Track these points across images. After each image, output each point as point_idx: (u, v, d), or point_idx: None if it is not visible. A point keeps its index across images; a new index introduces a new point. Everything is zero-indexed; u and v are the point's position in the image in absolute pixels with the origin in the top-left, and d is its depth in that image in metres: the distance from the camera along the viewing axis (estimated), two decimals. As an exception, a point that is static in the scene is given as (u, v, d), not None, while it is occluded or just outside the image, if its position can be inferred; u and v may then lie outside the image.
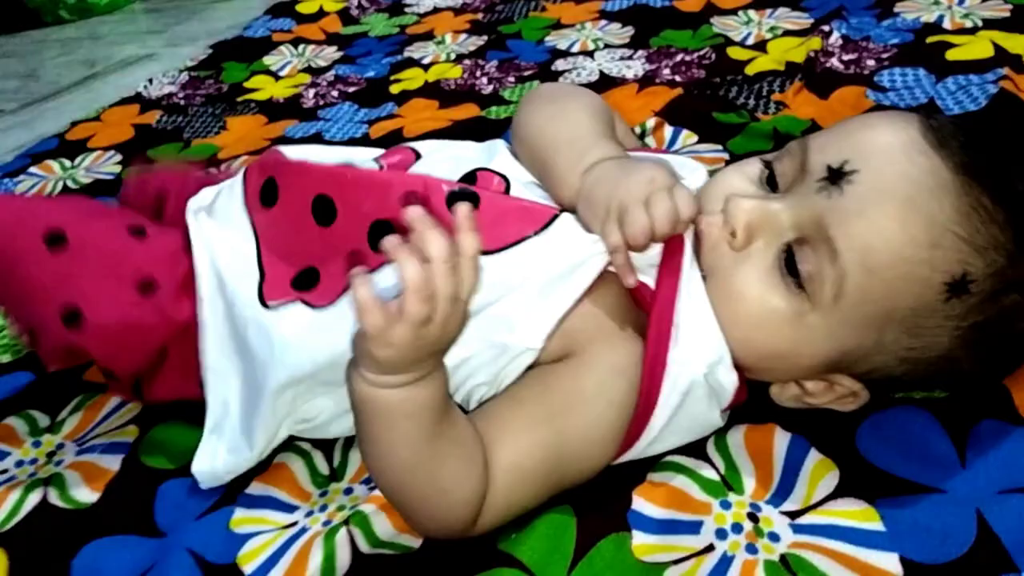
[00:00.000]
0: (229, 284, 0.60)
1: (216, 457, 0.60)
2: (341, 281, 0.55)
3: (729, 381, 0.53)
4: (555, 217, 0.55)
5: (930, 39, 1.11)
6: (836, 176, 0.50)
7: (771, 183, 0.55)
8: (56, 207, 0.66)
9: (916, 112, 0.55)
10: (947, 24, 1.15)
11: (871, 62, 1.09)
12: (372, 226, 0.55)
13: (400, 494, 0.51)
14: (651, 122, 1.01)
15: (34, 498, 0.63)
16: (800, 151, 0.54)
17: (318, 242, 0.58)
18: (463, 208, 0.45)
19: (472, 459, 0.50)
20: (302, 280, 0.58)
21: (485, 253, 0.49)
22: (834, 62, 1.11)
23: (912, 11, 1.21)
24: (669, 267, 0.54)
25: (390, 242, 0.44)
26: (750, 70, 1.14)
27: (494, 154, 0.64)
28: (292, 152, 0.64)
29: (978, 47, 1.05)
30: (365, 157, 0.66)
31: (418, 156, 0.65)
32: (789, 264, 0.51)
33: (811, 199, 0.51)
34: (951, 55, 1.05)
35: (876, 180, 0.49)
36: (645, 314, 0.54)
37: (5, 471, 0.67)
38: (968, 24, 1.13)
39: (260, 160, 0.64)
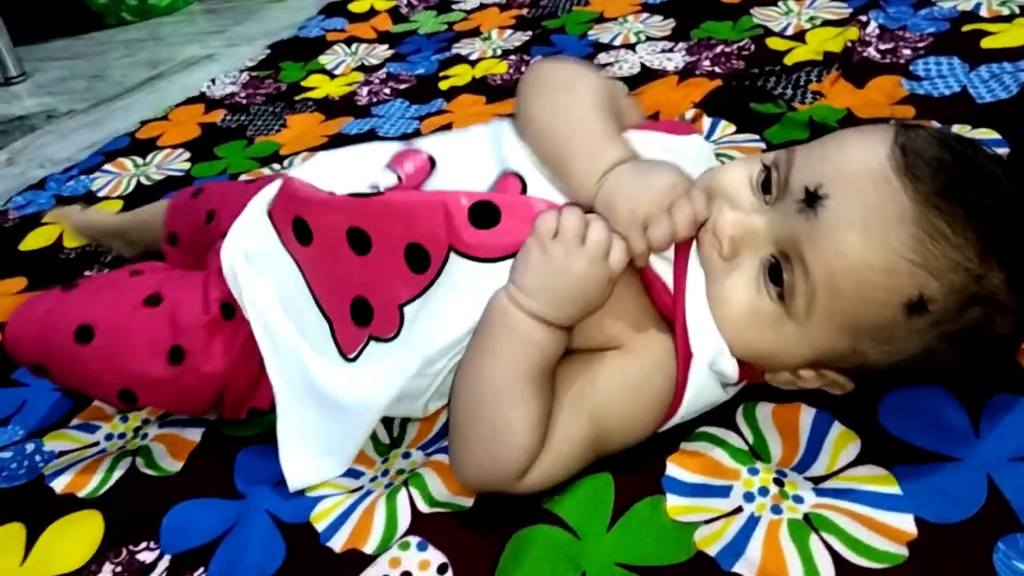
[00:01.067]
0: (298, 344, 0.65)
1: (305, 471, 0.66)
2: (393, 311, 0.61)
3: (730, 367, 0.59)
4: None
5: (966, 27, 1.14)
6: (812, 199, 0.54)
7: (767, 186, 0.59)
8: (75, 302, 0.71)
9: (937, 114, 0.59)
10: (984, 12, 1.17)
11: (907, 51, 1.11)
12: (406, 249, 0.60)
13: (473, 416, 0.57)
14: (690, 113, 1.05)
15: (123, 466, 0.69)
16: (786, 166, 0.57)
17: (360, 271, 0.62)
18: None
19: (544, 416, 0.57)
20: (357, 313, 0.63)
21: (509, 257, 0.57)
22: (871, 51, 1.13)
23: (949, 0, 1.23)
24: (680, 267, 0.59)
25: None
26: (788, 60, 1.18)
27: (501, 141, 0.65)
28: (304, 174, 0.68)
29: (1013, 35, 1.07)
30: (377, 162, 0.66)
31: (433, 163, 0.65)
32: (773, 274, 0.56)
33: (790, 219, 0.55)
34: (986, 43, 1.07)
35: (842, 208, 0.53)
36: (657, 308, 0.60)
37: (96, 444, 0.74)
38: (1005, 12, 1.15)
39: (280, 198, 0.67)
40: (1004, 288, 0.52)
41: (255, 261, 0.68)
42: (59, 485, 0.69)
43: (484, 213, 0.58)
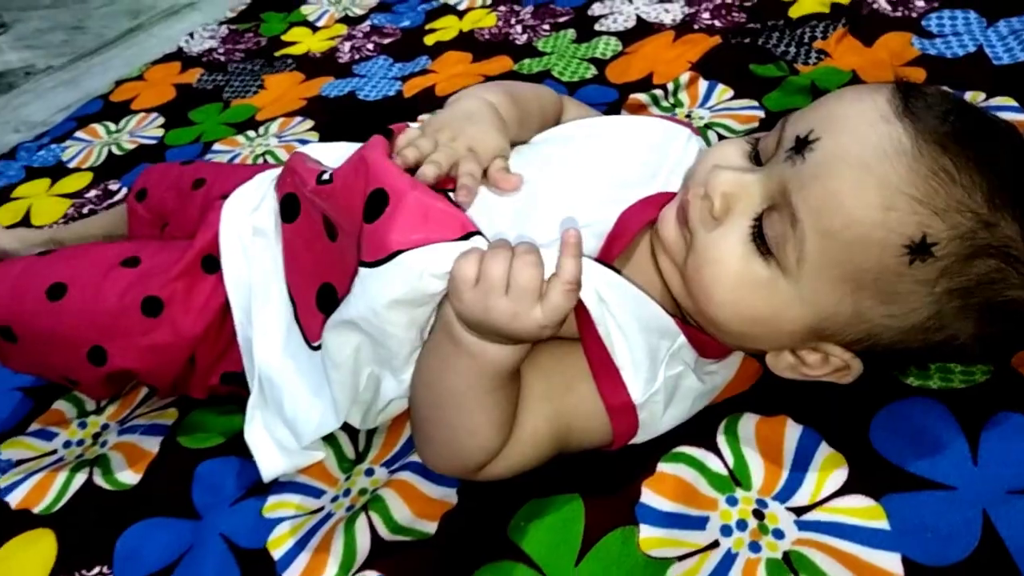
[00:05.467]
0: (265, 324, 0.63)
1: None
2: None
3: (689, 355, 0.56)
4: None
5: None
6: (801, 145, 0.51)
7: (757, 160, 0.56)
8: (51, 263, 0.68)
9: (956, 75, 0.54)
10: (1006, -42, 1.08)
11: (920, 3, 1.04)
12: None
13: (433, 417, 0.55)
14: (685, 77, 0.99)
15: (80, 478, 0.67)
16: (780, 126, 0.54)
17: (330, 257, 0.59)
18: (573, 234, 0.47)
19: (507, 417, 0.54)
20: (323, 299, 0.59)
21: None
22: (881, 3, 1.06)
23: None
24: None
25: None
26: (793, 13, 1.10)
27: None
28: (314, 152, 0.66)
29: (1036, -15, 0.99)
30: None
31: None
32: (761, 232, 0.52)
33: (779, 168, 0.52)
34: (1006, -6, 0.99)
35: (834, 146, 0.50)
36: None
37: (54, 452, 0.71)
38: (1028, -42, 1.06)
39: (284, 171, 0.66)
40: (1020, 241, 0.47)
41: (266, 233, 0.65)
42: (14, 499, 0.66)
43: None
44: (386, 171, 0.55)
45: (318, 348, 0.59)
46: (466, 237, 0.51)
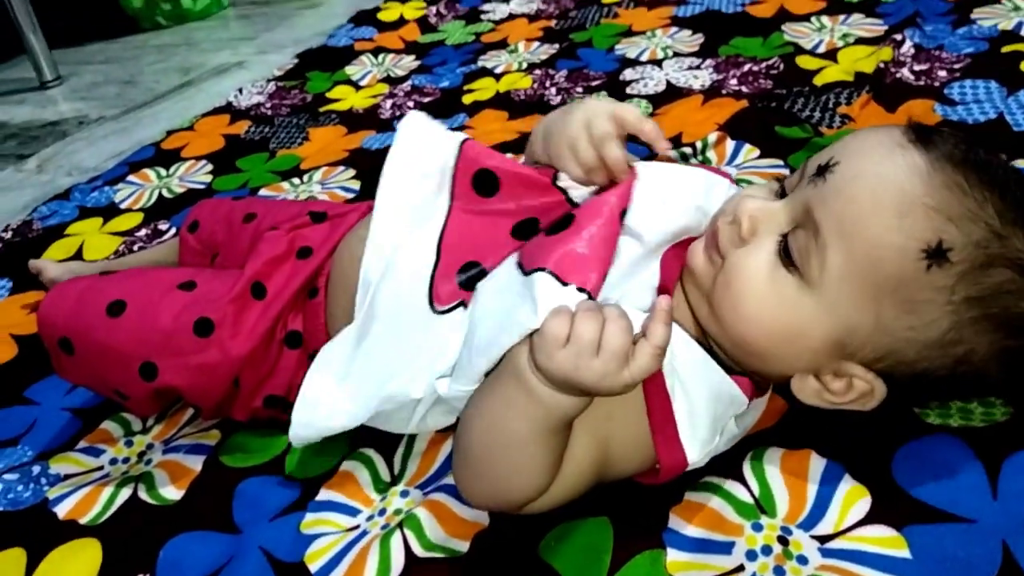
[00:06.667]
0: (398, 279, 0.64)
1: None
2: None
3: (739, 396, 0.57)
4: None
5: (1005, 48, 1.10)
6: (823, 170, 0.55)
7: (782, 197, 0.59)
8: (113, 281, 0.72)
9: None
10: (1024, 32, 1.13)
11: (942, 73, 1.08)
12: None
13: (489, 458, 0.55)
14: (713, 136, 1.03)
15: (125, 493, 0.69)
16: (803, 166, 0.59)
17: (496, 237, 0.63)
18: (666, 302, 0.51)
19: (560, 459, 0.55)
20: (465, 270, 0.62)
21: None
22: (904, 72, 1.10)
23: (990, 18, 1.19)
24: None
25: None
26: (818, 80, 1.15)
27: None
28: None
29: (1055, 58, 1.04)
30: None
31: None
32: (787, 251, 0.55)
33: (803, 192, 0.56)
34: (1026, 66, 1.03)
35: (853, 167, 0.54)
36: None
37: (101, 468, 0.74)
38: (1047, 32, 1.11)
39: (467, 154, 0.67)
40: None
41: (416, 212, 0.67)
42: (62, 510, 0.69)
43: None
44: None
45: (437, 312, 0.62)
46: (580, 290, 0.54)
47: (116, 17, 2.21)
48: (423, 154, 0.68)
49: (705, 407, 0.56)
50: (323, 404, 0.63)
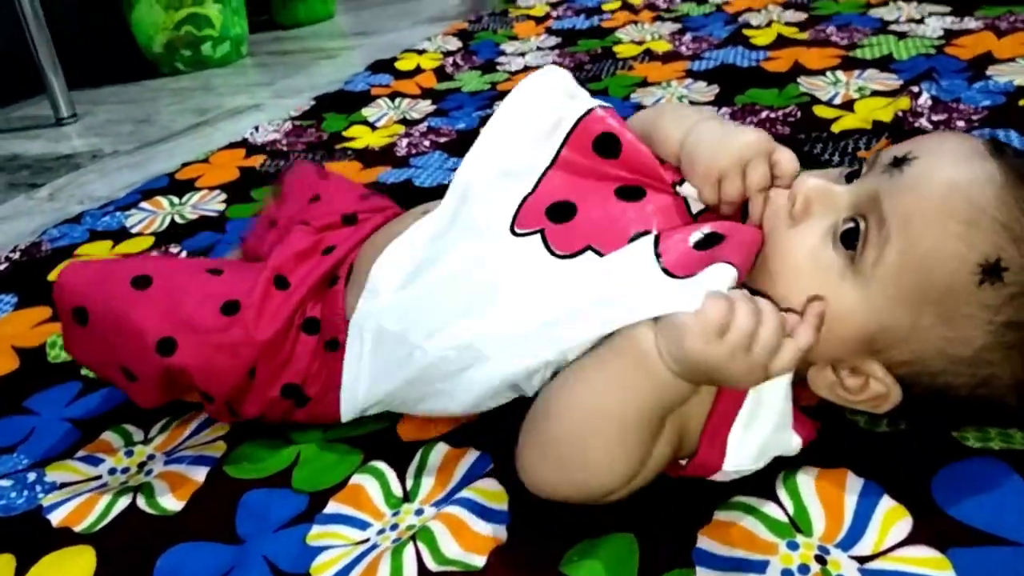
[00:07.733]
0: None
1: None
2: (583, 236, 0.58)
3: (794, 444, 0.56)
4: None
5: (1023, 102, 1.10)
6: (900, 161, 0.54)
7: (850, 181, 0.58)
8: (142, 261, 0.73)
9: None
10: (1042, 87, 1.13)
11: (961, 123, 1.08)
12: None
13: (576, 441, 0.52)
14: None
15: (123, 502, 0.66)
16: (875, 156, 0.57)
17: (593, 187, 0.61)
18: (821, 307, 0.52)
19: (649, 456, 0.53)
20: (559, 210, 0.60)
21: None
22: (923, 122, 1.10)
23: (1005, 75, 1.20)
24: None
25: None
26: (836, 128, 1.15)
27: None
28: None
29: (1073, 110, 1.04)
30: None
31: None
32: (845, 238, 0.54)
33: (873, 180, 0.55)
34: (1045, 118, 1.04)
35: (932, 164, 0.52)
36: None
37: (99, 477, 0.71)
38: (1064, 87, 1.12)
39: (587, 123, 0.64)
40: None
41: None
42: (56, 518, 0.65)
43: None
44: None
45: (516, 234, 0.60)
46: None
47: (136, 61, 2.23)
48: (552, 99, 0.67)
49: (763, 431, 0.54)
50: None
